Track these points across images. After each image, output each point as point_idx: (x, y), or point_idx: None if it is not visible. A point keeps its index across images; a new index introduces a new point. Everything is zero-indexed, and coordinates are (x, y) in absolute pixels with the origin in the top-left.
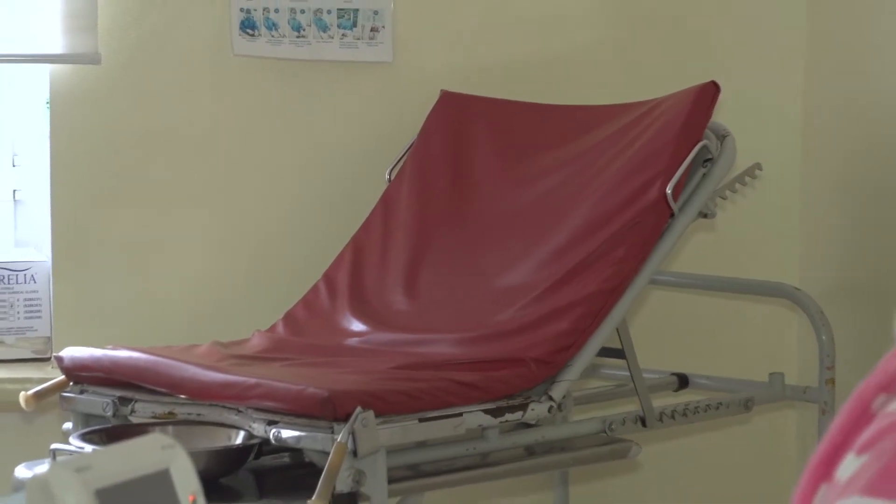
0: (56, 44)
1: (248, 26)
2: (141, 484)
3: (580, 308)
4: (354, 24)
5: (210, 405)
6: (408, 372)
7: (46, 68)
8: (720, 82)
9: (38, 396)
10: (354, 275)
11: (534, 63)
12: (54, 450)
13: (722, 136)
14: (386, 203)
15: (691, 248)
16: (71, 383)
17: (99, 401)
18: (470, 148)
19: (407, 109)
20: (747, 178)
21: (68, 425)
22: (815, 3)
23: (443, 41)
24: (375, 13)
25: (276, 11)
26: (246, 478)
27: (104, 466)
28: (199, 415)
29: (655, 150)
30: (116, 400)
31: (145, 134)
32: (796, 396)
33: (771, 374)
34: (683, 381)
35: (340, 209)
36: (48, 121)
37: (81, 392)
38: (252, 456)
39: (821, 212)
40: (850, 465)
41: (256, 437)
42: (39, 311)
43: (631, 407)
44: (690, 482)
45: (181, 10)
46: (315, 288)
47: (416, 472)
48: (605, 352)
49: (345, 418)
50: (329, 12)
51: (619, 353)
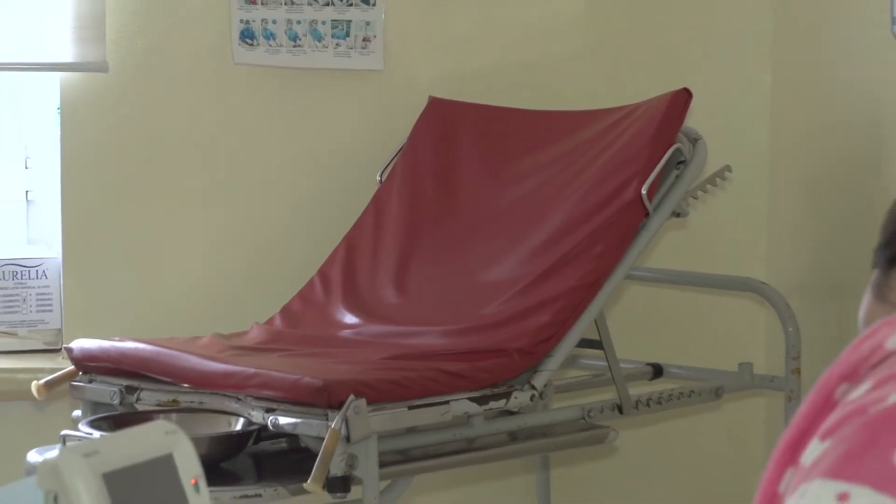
0: (66, 53)
1: (248, 36)
2: (146, 468)
3: (561, 301)
4: (347, 35)
5: (211, 393)
6: (398, 362)
7: (57, 76)
8: (692, 89)
9: (49, 385)
10: (347, 270)
11: (517, 71)
12: (64, 436)
13: (694, 140)
14: (377, 203)
15: (665, 245)
16: (80, 373)
17: (107, 389)
18: (456, 151)
19: (397, 115)
20: (718, 180)
21: (77, 413)
22: (781, 13)
23: (431, 51)
24: (367, 24)
25: (274, 22)
26: (245, 462)
27: (111, 451)
28: (201, 403)
29: (632, 153)
30: (123, 389)
31: (151, 138)
32: (764, 385)
33: (740, 364)
34: (658, 371)
35: (334, 209)
36: (59, 125)
37: (90, 381)
38: (251, 441)
39: (787, 211)
40: (814, 450)
41: (255, 424)
42: (50, 305)
43: (608, 395)
44: (664, 466)
45: (184, 22)
46: (310, 283)
47: (406, 457)
48: (585, 343)
49: (338, 406)
50: (323, 23)
51: (598, 345)
